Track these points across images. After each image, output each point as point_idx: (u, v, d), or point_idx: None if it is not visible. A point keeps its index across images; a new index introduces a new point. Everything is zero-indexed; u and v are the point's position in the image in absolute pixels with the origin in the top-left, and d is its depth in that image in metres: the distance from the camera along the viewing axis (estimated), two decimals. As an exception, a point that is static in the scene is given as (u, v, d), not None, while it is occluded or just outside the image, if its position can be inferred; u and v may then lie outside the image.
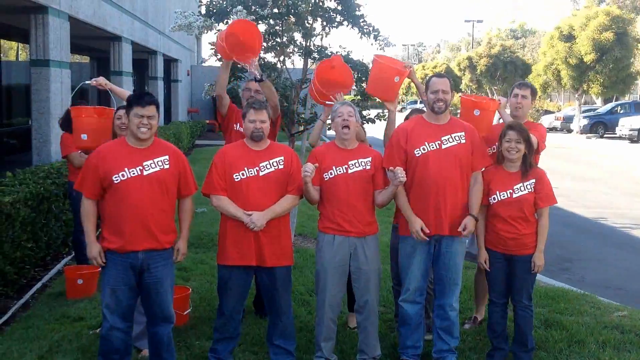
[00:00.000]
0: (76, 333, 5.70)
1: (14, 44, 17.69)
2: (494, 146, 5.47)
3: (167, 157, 4.55)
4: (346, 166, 4.98)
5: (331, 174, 4.98)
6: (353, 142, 5.12)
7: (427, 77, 5.27)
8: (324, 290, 5.05)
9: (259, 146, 4.89)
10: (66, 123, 7.45)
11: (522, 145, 5.08)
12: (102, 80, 5.73)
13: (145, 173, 4.44)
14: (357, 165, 5.00)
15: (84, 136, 5.73)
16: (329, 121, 7.83)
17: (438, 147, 5.01)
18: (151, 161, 4.48)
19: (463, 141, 5.06)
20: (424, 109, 5.38)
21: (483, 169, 5.19)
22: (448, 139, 5.04)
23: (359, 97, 8.68)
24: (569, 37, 36.94)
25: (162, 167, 4.50)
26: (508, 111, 5.82)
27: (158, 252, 4.53)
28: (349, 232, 4.98)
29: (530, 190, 5.10)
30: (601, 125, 37.10)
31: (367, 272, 5.05)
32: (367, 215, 5.06)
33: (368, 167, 5.03)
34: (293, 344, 5.09)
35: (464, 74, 54.52)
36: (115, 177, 4.38)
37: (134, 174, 4.41)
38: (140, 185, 4.41)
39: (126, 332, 4.54)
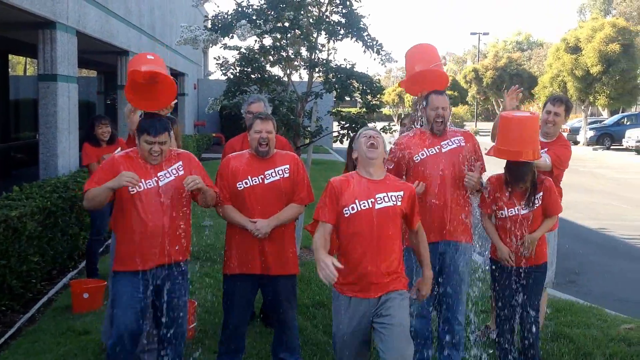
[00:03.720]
0: (82, 347, 5.70)
1: (22, 58, 17.81)
2: None
3: (180, 162, 4.56)
4: (373, 200, 4.17)
5: (353, 208, 4.17)
6: (380, 170, 4.33)
7: (427, 93, 5.25)
8: (342, 355, 4.35)
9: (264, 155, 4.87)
10: (88, 137, 7.57)
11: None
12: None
13: (161, 184, 4.45)
14: (385, 199, 4.20)
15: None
16: (335, 132, 7.83)
17: (437, 151, 5.05)
18: (165, 171, 4.49)
19: (462, 144, 5.11)
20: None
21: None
22: (448, 142, 5.09)
23: (364, 109, 8.70)
24: (575, 49, 36.93)
25: (175, 174, 4.51)
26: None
27: (172, 268, 4.53)
28: (369, 291, 4.19)
29: (538, 204, 5.09)
30: (607, 137, 37.06)
31: (395, 327, 4.15)
32: (395, 263, 4.25)
33: (399, 203, 4.23)
34: (298, 357, 5.08)
35: (470, 86, 54.57)
36: (131, 188, 4.37)
37: (150, 185, 4.42)
38: (154, 196, 4.41)
39: (132, 351, 4.47)
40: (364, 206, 4.17)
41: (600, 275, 9.48)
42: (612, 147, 36.31)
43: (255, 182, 4.80)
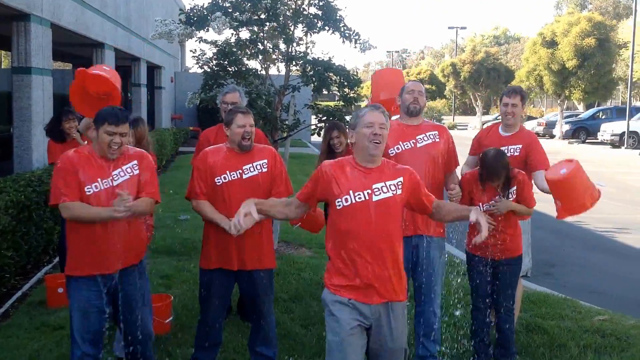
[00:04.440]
0: (56, 342, 5.65)
1: (-4, 51, 17.58)
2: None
3: (135, 162, 4.40)
4: (369, 191, 3.70)
5: (347, 200, 3.69)
6: (379, 159, 3.84)
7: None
8: None
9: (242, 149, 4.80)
10: (52, 130, 7.43)
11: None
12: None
13: (114, 183, 4.25)
14: (384, 189, 3.72)
15: None
16: (313, 125, 7.80)
17: (413, 145, 5.07)
18: (120, 169, 4.30)
19: (437, 140, 5.15)
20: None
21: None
22: (423, 137, 5.12)
23: (342, 102, 8.70)
24: (552, 43, 37.25)
25: (130, 173, 4.34)
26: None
27: (130, 268, 4.38)
28: (371, 295, 3.70)
29: (512, 198, 5.13)
30: (583, 131, 37.41)
31: (392, 352, 3.79)
32: (396, 265, 3.76)
33: (399, 192, 3.76)
34: (275, 350, 5.06)
35: (448, 80, 54.80)
36: (88, 188, 4.17)
37: (107, 185, 4.22)
38: (110, 196, 4.18)
39: (97, 357, 4.32)
40: (359, 198, 3.67)
41: (575, 267, 9.57)
42: (587, 140, 36.67)
43: (234, 177, 4.73)
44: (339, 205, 3.70)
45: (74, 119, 7.30)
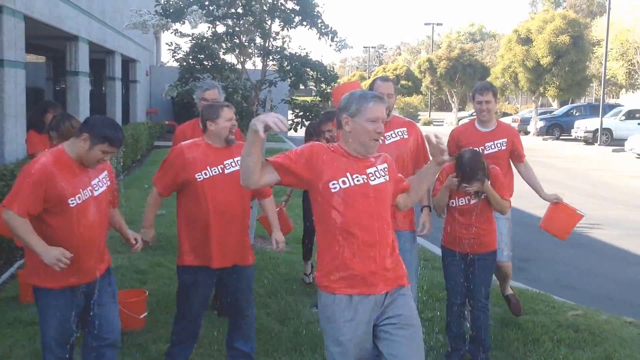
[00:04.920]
0: (29, 337, 5.58)
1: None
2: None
3: (106, 172, 4.28)
4: (365, 176, 3.53)
5: (344, 182, 3.47)
6: None
7: (372, 80, 5.28)
8: None
9: (220, 144, 4.74)
10: (35, 121, 7.36)
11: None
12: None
13: (95, 193, 4.11)
14: (377, 174, 3.59)
15: None
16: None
17: (380, 143, 5.06)
18: (97, 179, 4.16)
19: (406, 136, 5.15)
20: None
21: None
22: (391, 134, 5.11)
23: (318, 98, 8.69)
24: (527, 40, 37.54)
25: (106, 184, 4.24)
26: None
27: (102, 277, 4.27)
28: (375, 286, 3.47)
29: (484, 196, 5.16)
30: (557, 127, 37.76)
31: (411, 329, 3.49)
32: (394, 247, 3.61)
33: (388, 178, 3.66)
34: (252, 346, 5.03)
35: (425, 76, 55.00)
36: (72, 200, 3.96)
37: (87, 195, 4.05)
38: (91, 206, 4.07)
39: (71, 357, 4.24)
40: (358, 181, 3.46)
41: (549, 262, 9.66)
42: (561, 137, 37.02)
43: (215, 172, 4.65)
44: (335, 188, 3.44)
45: (60, 111, 7.24)
